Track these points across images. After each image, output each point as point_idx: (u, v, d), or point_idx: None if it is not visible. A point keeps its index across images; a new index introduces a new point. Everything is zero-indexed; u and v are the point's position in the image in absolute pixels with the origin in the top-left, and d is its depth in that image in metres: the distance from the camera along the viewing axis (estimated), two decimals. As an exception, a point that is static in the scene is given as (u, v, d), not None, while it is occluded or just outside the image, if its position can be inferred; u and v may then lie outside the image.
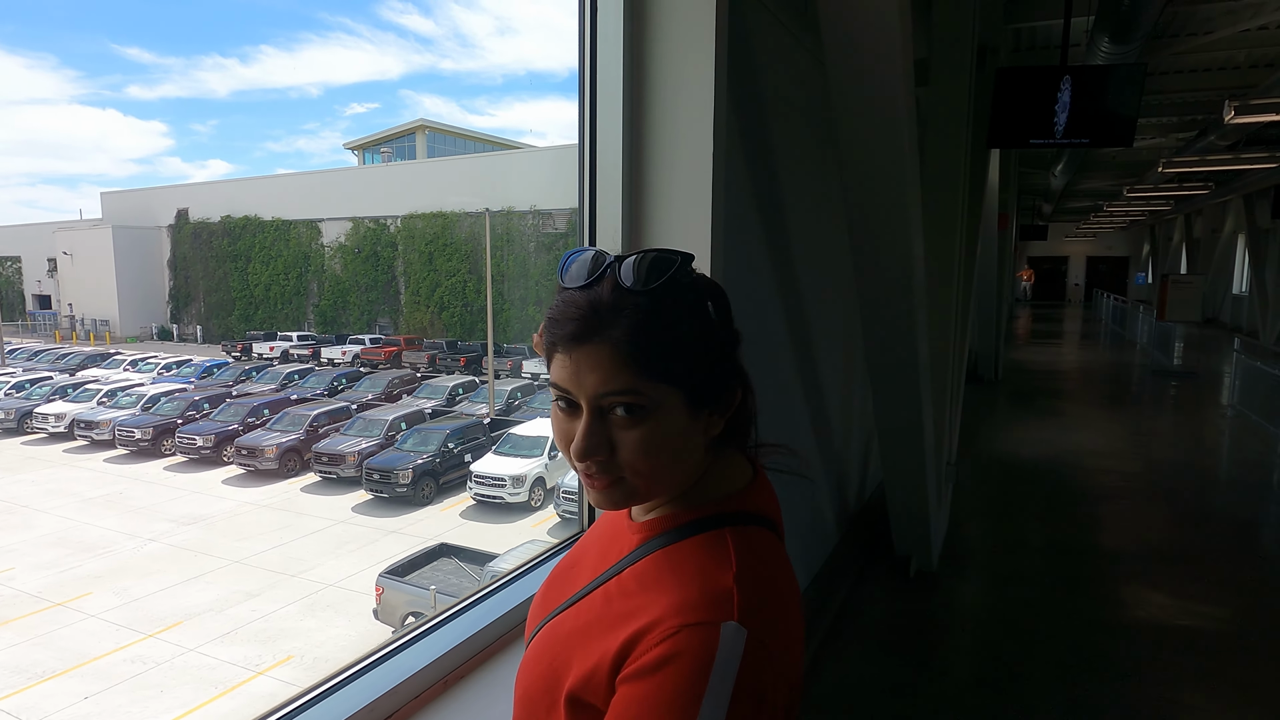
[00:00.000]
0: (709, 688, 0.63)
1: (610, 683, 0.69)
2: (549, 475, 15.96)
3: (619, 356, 0.70)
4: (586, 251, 0.77)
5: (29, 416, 22.37)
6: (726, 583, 0.69)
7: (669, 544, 0.77)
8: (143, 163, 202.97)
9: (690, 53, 1.69)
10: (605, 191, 1.79)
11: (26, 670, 9.51)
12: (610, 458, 0.73)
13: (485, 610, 1.60)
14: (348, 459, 17.01)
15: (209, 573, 12.49)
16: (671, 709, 0.63)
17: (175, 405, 21.09)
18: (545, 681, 0.76)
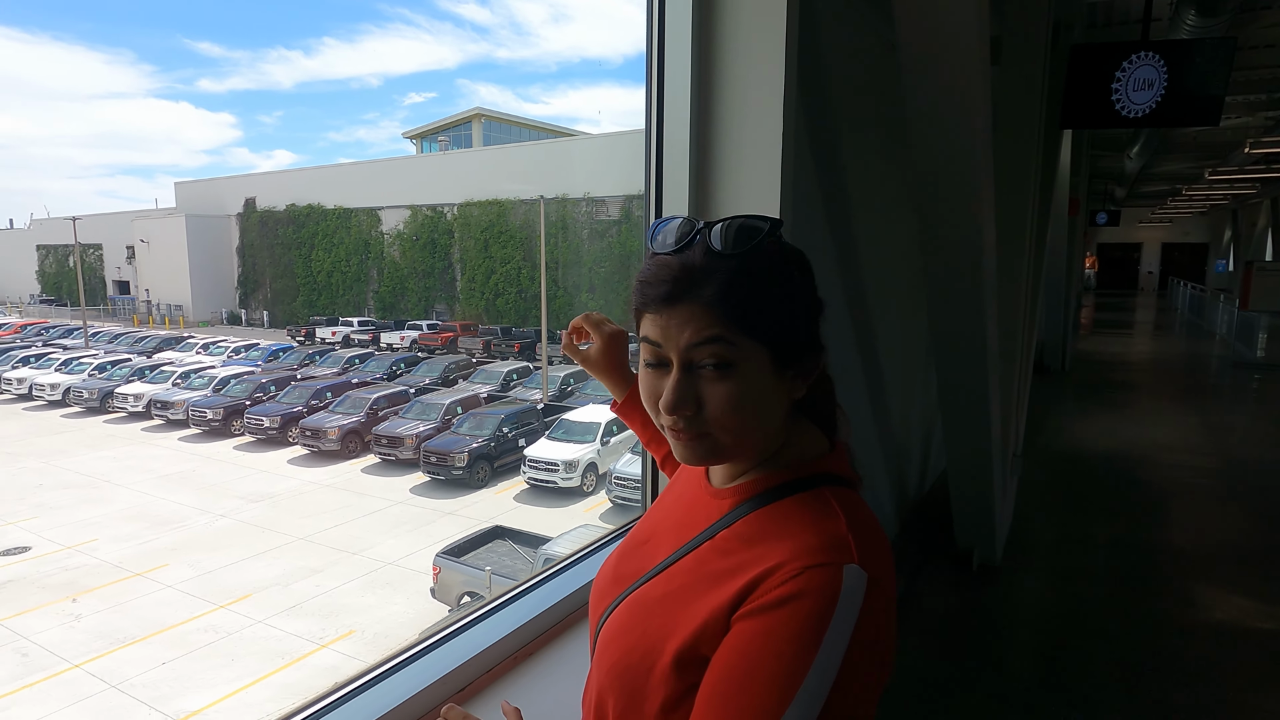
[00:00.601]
0: (832, 624, 0.65)
1: (726, 626, 0.70)
2: (601, 461, 16.09)
3: (710, 314, 0.72)
4: (676, 219, 0.79)
5: (110, 396, 23.58)
6: (841, 529, 0.71)
7: (767, 503, 0.78)
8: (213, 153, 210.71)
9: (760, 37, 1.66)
10: (671, 176, 1.78)
11: (109, 636, 10.07)
12: (697, 413, 0.74)
13: (548, 592, 1.61)
14: (406, 441, 17.44)
15: (275, 548, 12.99)
16: (794, 642, 0.65)
17: (244, 387, 21.93)
18: (642, 649, 0.77)
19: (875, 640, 0.67)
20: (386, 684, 1.28)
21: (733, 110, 1.71)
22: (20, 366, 27.37)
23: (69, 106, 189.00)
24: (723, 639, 0.70)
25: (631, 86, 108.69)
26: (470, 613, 1.50)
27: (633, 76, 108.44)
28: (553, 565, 1.71)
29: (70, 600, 11.07)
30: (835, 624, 0.65)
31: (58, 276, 62.33)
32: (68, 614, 10.66)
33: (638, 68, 2.34)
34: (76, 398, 24.08)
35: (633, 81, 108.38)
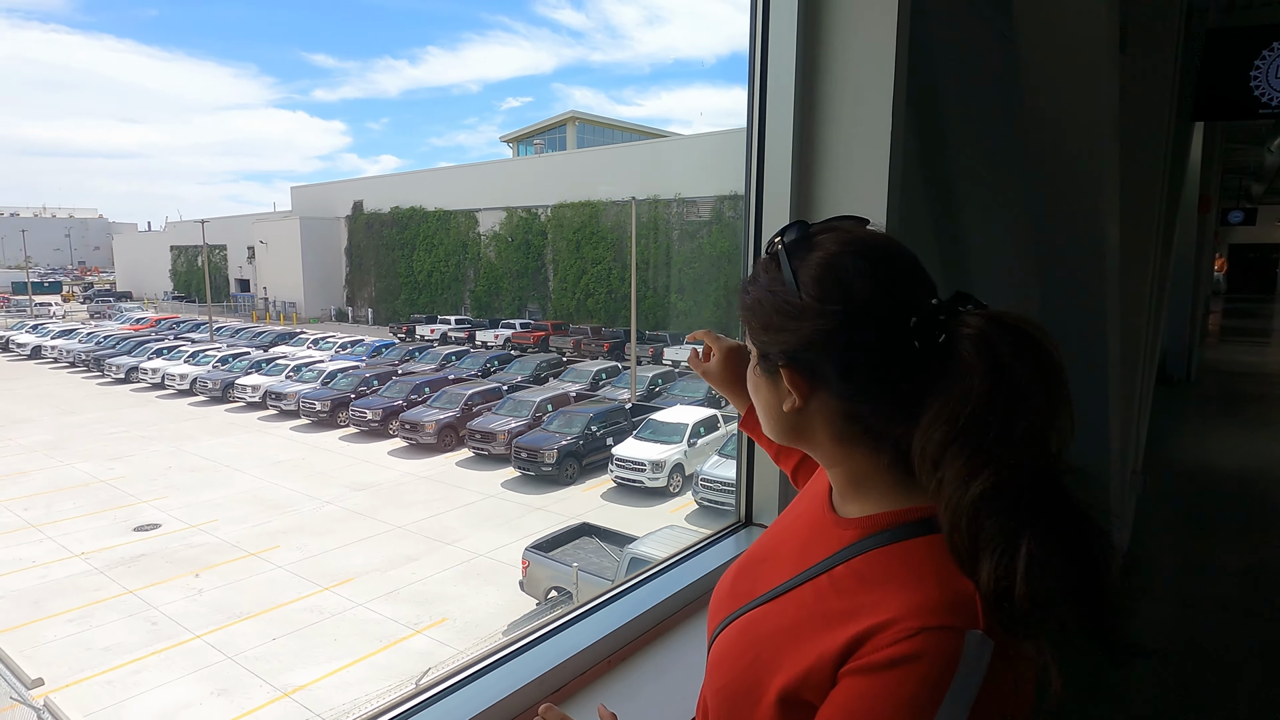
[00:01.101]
0: (947, 697, 0.60)
1: (832, 679, 0.67)
2: (688, 462, 16.05)
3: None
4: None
5: (231, 387, 25.33)
6: (968, 587, 0.64)
7: (892, 541, 0.72)
8: (325, 159, 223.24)
9: (869, 31, 1.60)
10: (773, 176, 1.74)
11: (226, 610, 10.80)
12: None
13: (644, 596, 1.60)
14: (498, 437, 17.93)
15: (375, 536, 13.61)
16: (901, 713, 0.60)
17: (349, 381, 23.09)
18: (748, 679, 0.74)
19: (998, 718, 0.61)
20: (483, 681, 1.30)
21: (839, 107, 1.65)
22: (154, 358, 29.78)
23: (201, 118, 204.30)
24: (829, 691, 0.66)
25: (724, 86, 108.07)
26: (566, 613, 1.51)
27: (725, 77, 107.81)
28: (648, 569, 1.70)
29: (194, 575, 11.94)
30: (951, 697, 0.59)
31: (188, 275, 67.46)
32: (191, 588, 11.50)
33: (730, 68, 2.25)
34: (202, 388, 26.00)
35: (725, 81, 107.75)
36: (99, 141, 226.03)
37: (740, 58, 1.79)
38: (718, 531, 1.85)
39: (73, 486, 16.34)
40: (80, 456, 18.71)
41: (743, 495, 1.89)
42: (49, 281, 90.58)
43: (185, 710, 8.46)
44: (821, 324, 0.72)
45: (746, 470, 1.87)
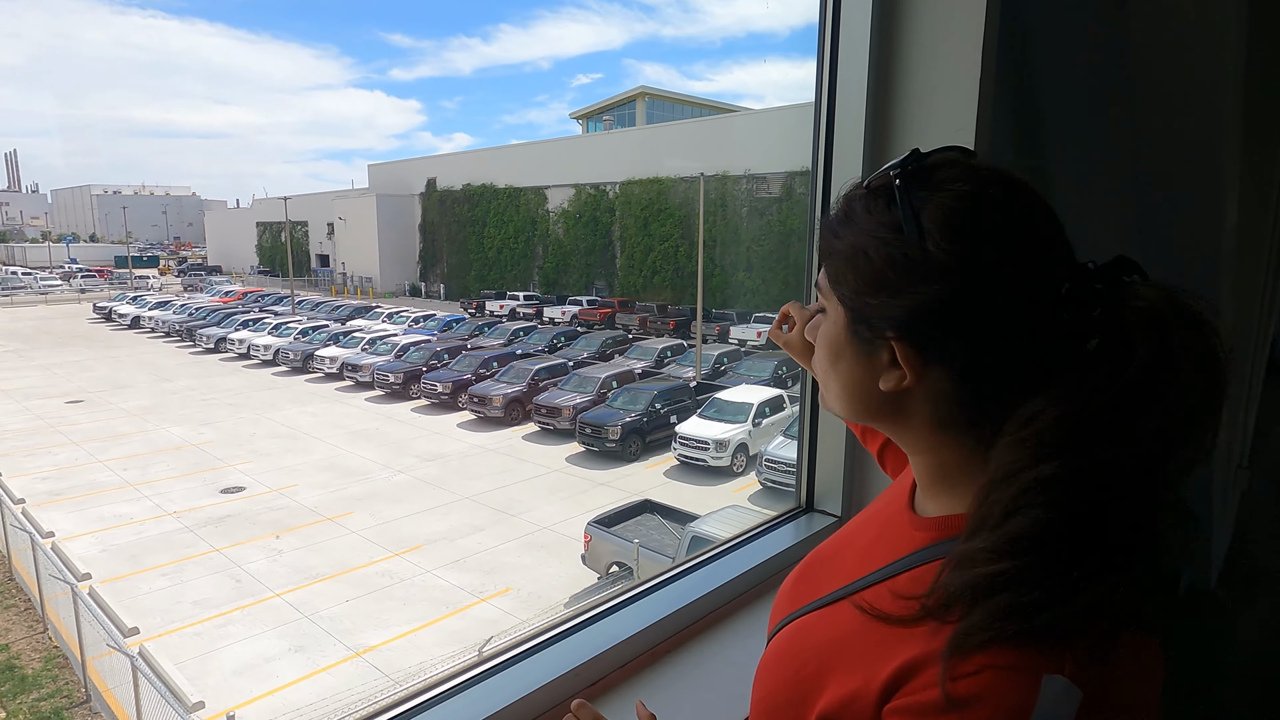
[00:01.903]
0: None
1: (875, 714, 0.56)
2: (752, 442, 15.87)
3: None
4: None
5: (311, 358, 26.36)
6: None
7: None
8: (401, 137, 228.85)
9: None
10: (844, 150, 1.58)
11: (304, 571, 11.29)
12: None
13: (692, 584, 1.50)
14: (564, 412, 18.11)
15: (444, 505, 13.97)
16: None
17: (421, 355, 23.70)
18: (791, 692, 0.65)
19: None
20: (512, 671, 1.20)
21: (919, 76, 1.49)
22: (241, 329, 31.25)
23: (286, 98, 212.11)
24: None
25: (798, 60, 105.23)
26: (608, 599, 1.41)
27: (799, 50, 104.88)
28: (698, 555, 1.60)
29: (275, 537, 12.52)
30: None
31: (272, 250, 70.38)
32: (272, 549, 12.06)
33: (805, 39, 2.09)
34: (284, 358, 27.15)
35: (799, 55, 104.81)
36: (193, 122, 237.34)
37: (814, 30, 1.65)
38: (776, 516, 1.75)
39: (166, 449, 17.34)
40: (173, 421, 19.83)
41: (804, 479, 1.78)
42: (147, 256, 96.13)
43: (266, 664, 8.90)
44: (954, 286, 0.57)
45: (809, 451, 1.76)
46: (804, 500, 1.77)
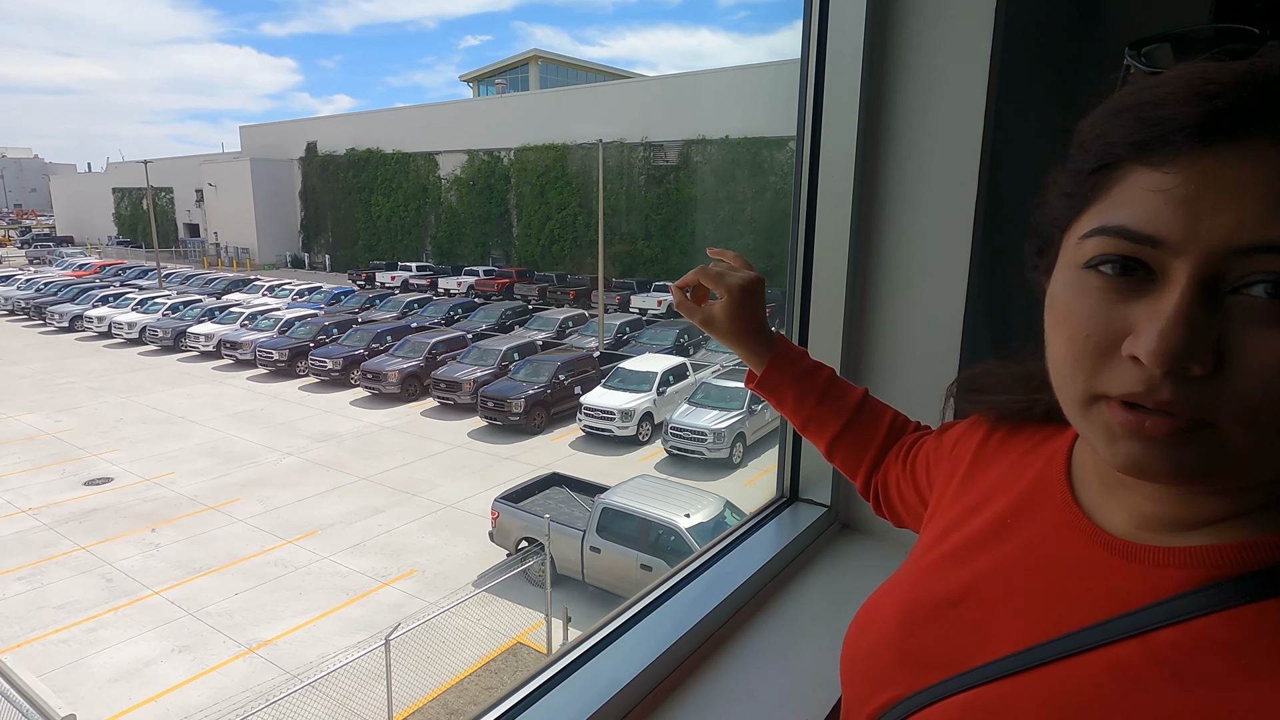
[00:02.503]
0: None
1: None
2: (657, 410, 15.96)
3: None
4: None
5: (183, 336, 24.44)
6: None
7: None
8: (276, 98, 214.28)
9: None
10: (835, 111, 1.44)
11: (186, 565, 10.51)
12: (1211, 377, 0.39)
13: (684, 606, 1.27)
14: (464, 386, 17.61)
15: (339, 487, 13.33)
16: None
17: (308, 329, 22.43)
18: None
19: None
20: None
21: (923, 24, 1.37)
22: (100, 305, 28.58)
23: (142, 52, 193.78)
24: None
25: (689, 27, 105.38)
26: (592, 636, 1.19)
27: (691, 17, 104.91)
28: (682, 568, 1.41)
29: (150, 530, 11.58)
30: None
31: (133, 219, 64.62)
32: (148, 543, 11.15)
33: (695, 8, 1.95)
34: (152, 336, 25.05)
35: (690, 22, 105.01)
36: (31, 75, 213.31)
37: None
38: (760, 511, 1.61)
39: (17, 440, 15.67)
40: (25, 409, 17.93)
41: (788, 468, 1.67)
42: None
43: (146, 668, 8.23)
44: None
45: (793, 440, 1.65)
46: (788, 490, 1.67)
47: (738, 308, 0.93)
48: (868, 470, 0.93)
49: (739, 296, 0.92)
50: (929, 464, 0.81)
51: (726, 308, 0.93)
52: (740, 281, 0.93)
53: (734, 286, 0.92)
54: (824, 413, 0.94)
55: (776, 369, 0.95)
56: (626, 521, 9.19)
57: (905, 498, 0.87)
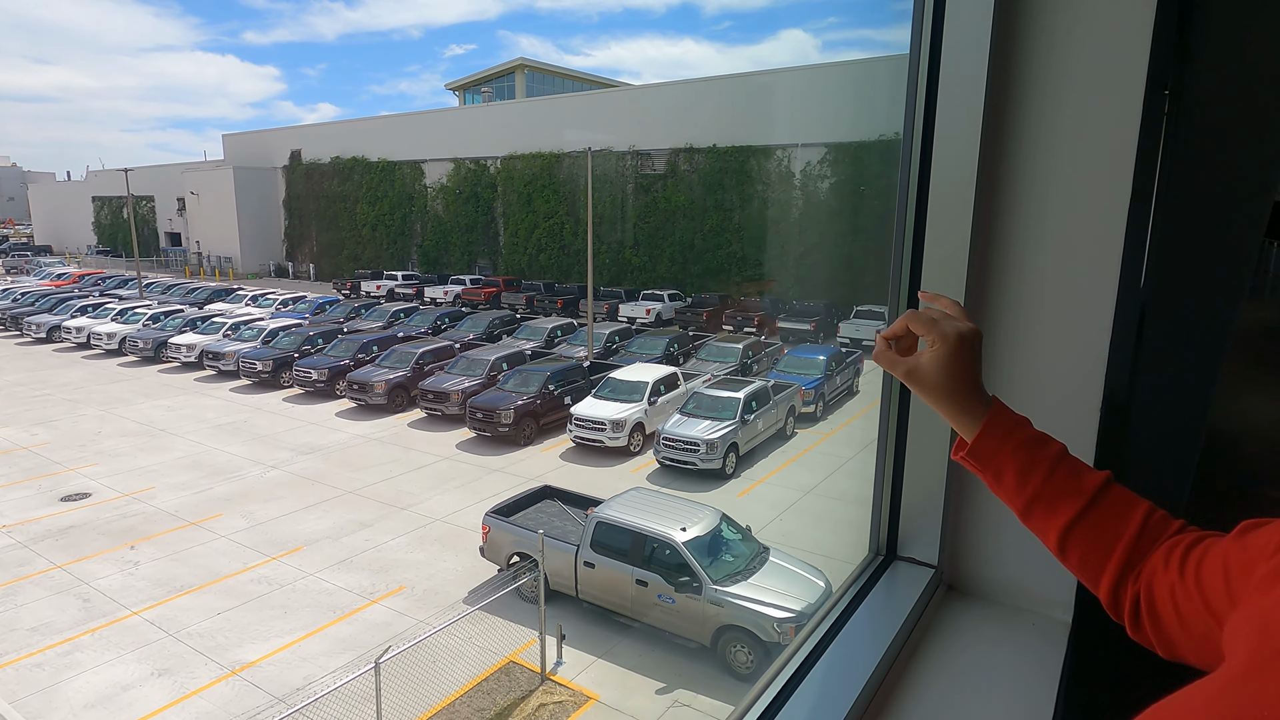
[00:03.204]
0: None
1: None
2: (648, 420, 15.79)
3: None
4: None
5: (164, 346, 24.00)
6: None
7: None
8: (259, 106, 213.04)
9: None
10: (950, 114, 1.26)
11: (167, 584, 10.20)
12: None
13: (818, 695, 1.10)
14: (452, 397, 17.36)
15: (325, 501, 13.04)
16: None
17: (292, 340, 22.08)
18: None
19: None
20: None
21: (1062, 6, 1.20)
22: (79, 315, 28.03)
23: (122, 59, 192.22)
24: None
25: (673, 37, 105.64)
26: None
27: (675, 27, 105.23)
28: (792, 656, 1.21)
29: (129, 547, 11.26)
30: None
31: (113, 228, 63.79)
32: (127, 561, 10.83)
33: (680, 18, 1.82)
34: (132, 347, 24.58)
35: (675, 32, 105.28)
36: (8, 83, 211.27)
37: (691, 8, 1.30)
38: (857, 577, 1.40)
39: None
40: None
41: (884, 521, 1.50)
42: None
43: (124, 692, 7.94)
44: None
45: (891, 488, 1.48)
46: (883, 545, 1.50)
47: (951, 359, 0.82)
48: (1117, 574, 0.77)
49: (954, 346, 0.82)
50: (1228, 574, 0.65)
51: (939, 359, 0.82)
52: (957, 330, 0.82)
53: (949, 335, 0.82)
54: (1054, 494, 0.80)
55: (993, 436, 0.82)
56: (621, 536, 8.99)
57: (1187, 617, 0.70)
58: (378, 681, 6.59)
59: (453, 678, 8.15)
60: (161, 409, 18.81)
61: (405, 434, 17.00)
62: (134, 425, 17.38)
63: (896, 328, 0.85)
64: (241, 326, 24.27)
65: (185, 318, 26.08)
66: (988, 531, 1.40)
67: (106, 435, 16.60)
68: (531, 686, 8.12)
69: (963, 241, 1.26)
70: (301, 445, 16.04)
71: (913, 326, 0.84)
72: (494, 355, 19.13)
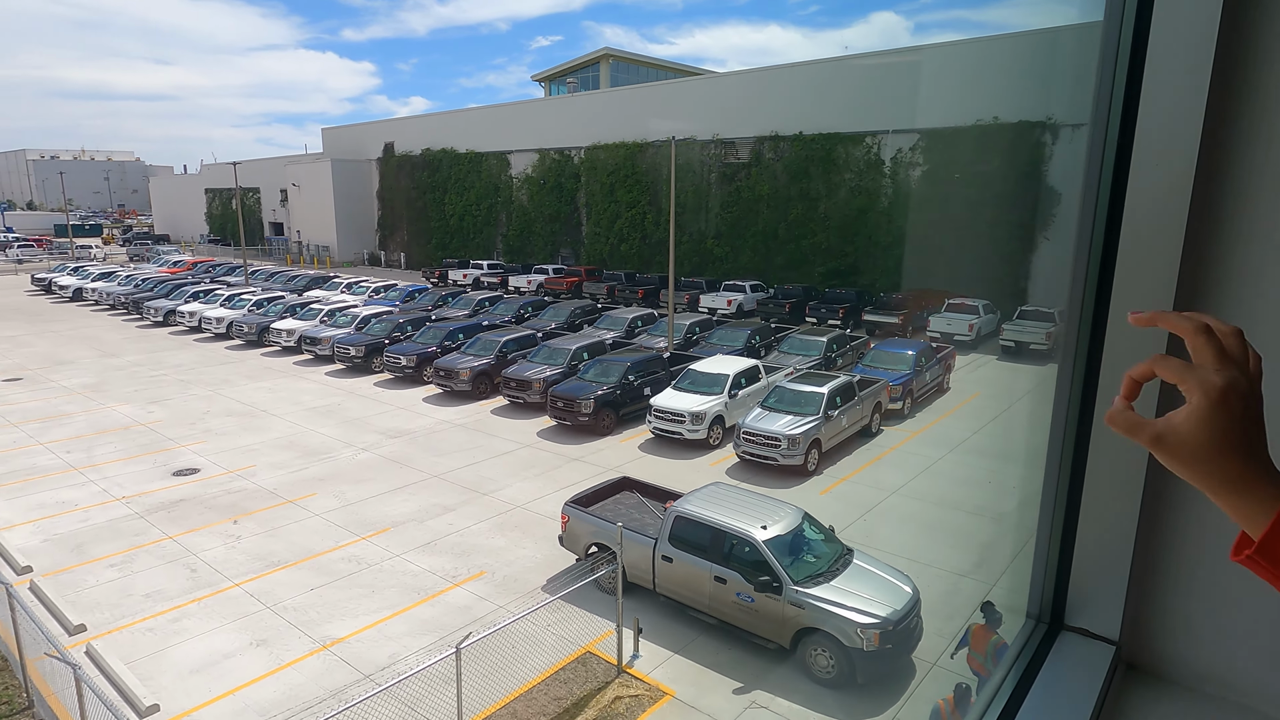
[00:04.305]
0: None
1: None
2: (729, 414, 15.57)
3: None
4: None
5: (266, 331, 25.31)
6: None
7: None
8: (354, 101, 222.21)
9: None
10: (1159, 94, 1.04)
11: (264, 558, 10.71)
12: None
13: None
14: (533, 385, 17.59)
15: (411, 484, 13.44)
16: None
17: (383, 326, 22.87)
18: None
19: None
20: None
21: None
22: (191, 301, 29.90)
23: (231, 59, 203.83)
24: None
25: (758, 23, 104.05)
26: None
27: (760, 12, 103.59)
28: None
29: (232, 522, 11.89)
30: None
31: (222, 218, 67.84)
32: (230, 535, 11.44)
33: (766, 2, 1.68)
34: (238, 331, 26.04)
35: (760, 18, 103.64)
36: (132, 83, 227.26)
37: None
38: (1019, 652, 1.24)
39: (113, 429, 16.42)
40: (120, 399, 18.83)
41: (1047, 579, 1.29)
42: (89, 224, 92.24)
43: (225, 660, 8.37)
44: None
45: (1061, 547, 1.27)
46: (1045, 611, 1.29)
47: (1217, 419, 0.61)
48: None
49: (1219, 402, 0.61)
50: None
51: (1200, 418, 0.61)
52: (1224, 382, 0.61)
53: (1213, 387, 0.61)
54: None
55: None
56: (700, 531, 8.86)
57: None
58: (458, 666, 6.70)
59: (531, 665, 8.23)
60: (263, 391, 19.83)
61: (488, 420, 17.35)
62: (237, 405, 18.38)
63: (1140, 371, 0.64)
64: (337, 313, 25.32)
65: (285, 304, 27.42)
66: (1186, 603, 1.15)
67: (213, 414, 17.62)
68: (608, 678, 8.11)
69: (1173, 247, 1.04)
70: (390, 429, 16.60)
71: (1162, 374, 0.63)
72: (575, 344, 19.27)
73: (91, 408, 18.12)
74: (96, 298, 35.39)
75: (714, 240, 35.15)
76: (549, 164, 42.25)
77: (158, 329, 28.97)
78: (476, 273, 39.12)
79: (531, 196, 43.35)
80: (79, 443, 15.55)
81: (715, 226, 35.09)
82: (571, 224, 41.81)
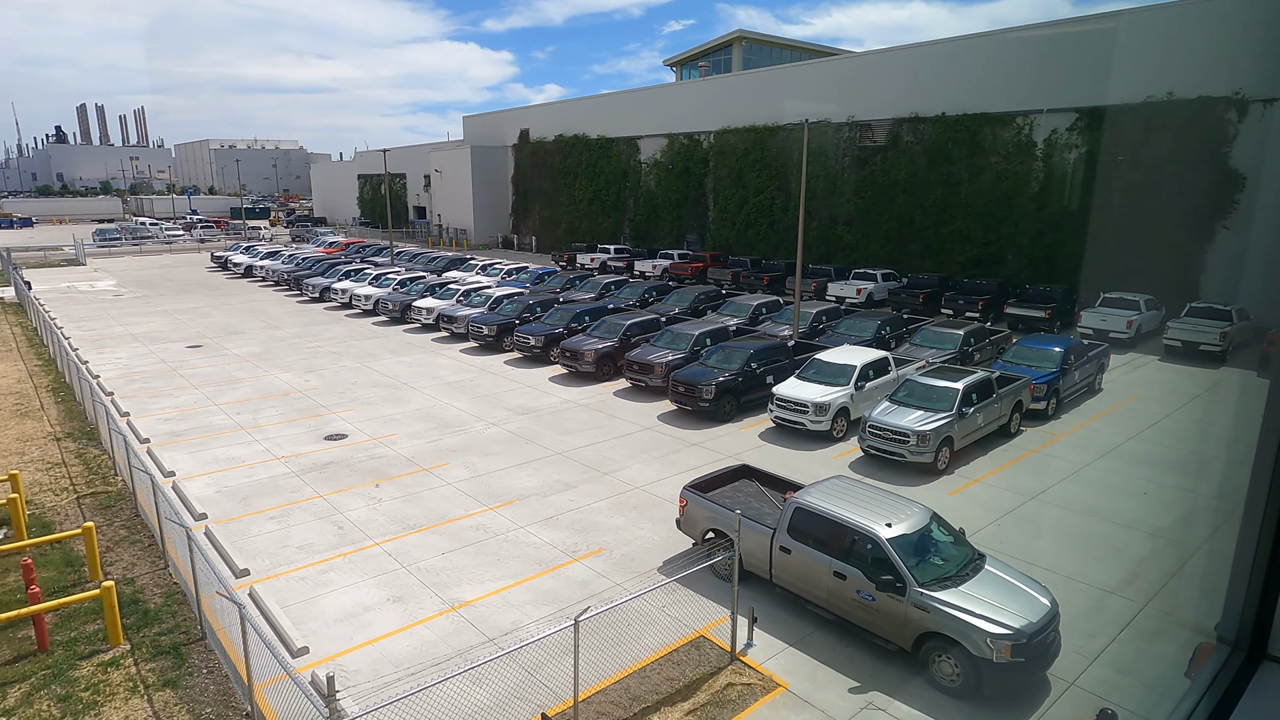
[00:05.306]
0: None
1: None
2: (854, 406, 15.08)
3: None
4: None
5: (408, 309, 26.94)
6: None
7: None
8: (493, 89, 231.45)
9: None
10: None
11: (402, 521, 11.46)
12: None
13: None
14: (656, 369, 17.75)
15: (536, 460, 13.93)
16: None
17: (514, 307, 23.76)
18: None
19: None
20: None
21: None
22: (343, 279, 32.27)
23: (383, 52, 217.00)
24: None
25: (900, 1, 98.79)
26: None
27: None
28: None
29: (375, 485, 12.79)
30: None
31: (372, 202, 72.63)
32: (372, 497, 12.31)
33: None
34: (383, 308, 27.87)
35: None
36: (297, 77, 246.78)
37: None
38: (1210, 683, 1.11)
39: (275, 395, 18.05)
40: (281, 368, 20.65)
41: (1247, 607, 1.16)
42: (259, 207, 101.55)
43: (366, 612, 9.04)
44: None
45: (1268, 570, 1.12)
46: (1244, 639, 1.16)
47: None
48: None
49: None
50: None
51: None
52: None
53: None
54: None
55: None
56: (821, 524, 8.65)
57: None
58: (576, 638, 6.90)
59: (645, 643, 8.36)
60: (404, 365, 21.15)
61: (610, 402, 17.69)
62: (381, 378, 19.70)
63: None
64: (472, 293, 26.55)
65: (426, 284, 29.04)
66: None
67: (360, 385, 18.98)
68: (720, 664, 8.11)
69: None
70: (517, 406, 17.26)
71: None
72: (698, 330, 19.26)
73: (258, 374, 19.98)
74: (264, 274, 38.94)
75: (844, 226, 34.00)
76: (677, 148, 42.25)
77: (314, 304, 31.52)
78: (603, 257, 39.84)
79: (659, 181, 43.55)
80: (247, 405, 17.21)
81: (846, 212, 33.92)
82: (698, 209, 41.69)
